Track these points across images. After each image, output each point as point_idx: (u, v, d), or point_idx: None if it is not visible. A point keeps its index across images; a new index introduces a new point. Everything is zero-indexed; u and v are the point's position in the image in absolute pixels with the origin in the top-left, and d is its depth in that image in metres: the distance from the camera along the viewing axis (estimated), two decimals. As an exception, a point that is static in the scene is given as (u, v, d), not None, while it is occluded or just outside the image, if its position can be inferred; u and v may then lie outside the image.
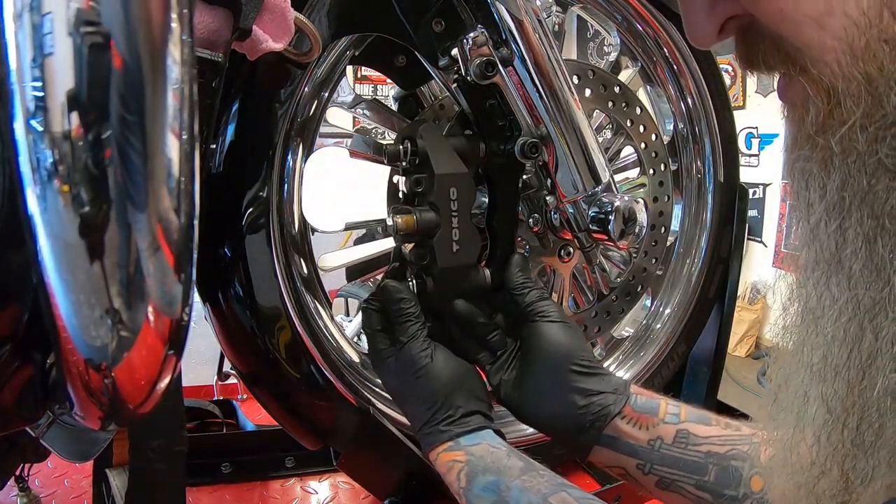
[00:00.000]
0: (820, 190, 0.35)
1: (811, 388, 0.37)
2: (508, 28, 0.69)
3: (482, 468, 0.60)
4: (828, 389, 0.36)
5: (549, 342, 0.67)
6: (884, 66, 0.30)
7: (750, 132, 4.71)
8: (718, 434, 0.62)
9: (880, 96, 0.31)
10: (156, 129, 0.34)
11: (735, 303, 1.10)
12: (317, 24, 0.64)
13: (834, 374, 0.35)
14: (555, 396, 0.66)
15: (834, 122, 0.33)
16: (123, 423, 0.62)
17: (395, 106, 0.94)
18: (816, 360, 0.37)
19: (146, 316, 0.36)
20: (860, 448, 0.34)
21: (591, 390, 0.64)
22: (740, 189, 1.06)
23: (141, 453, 0.66)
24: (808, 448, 0.38)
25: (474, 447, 0.62)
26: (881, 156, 0.31)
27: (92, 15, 0.32)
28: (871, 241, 0.32)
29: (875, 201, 0.32)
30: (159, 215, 0.35)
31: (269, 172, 0.68)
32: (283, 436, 0.81)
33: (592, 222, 0.83)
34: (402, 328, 0.67)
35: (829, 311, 0.35)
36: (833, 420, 0.36)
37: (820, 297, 0.36)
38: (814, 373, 0.37)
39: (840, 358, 0.35)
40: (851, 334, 0.34)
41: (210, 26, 0.53)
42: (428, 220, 0.67)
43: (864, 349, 0.34)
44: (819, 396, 0.36)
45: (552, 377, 0.66)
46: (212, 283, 0.69)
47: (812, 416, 0.37)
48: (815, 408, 0.37)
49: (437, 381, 0.65)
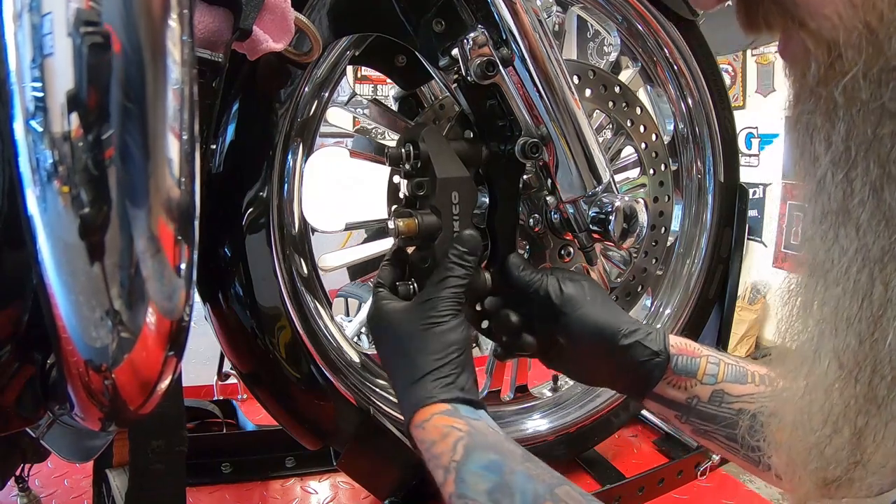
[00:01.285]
0: (825, 142, 0.35)
1: (822, 345, 0.37)
2: (508, 28, 0.69)
3: (483, 444, 0.54)
4: (839, 343, 0.35)
5: (588, 328, 0.67)
6: (883, 15, 0.31)
7: (750, 132, 4.71)
8: (751, 392, 0.65)
9: (881, 44, 0.31)
10: (156, 130, 0.34)
11: (735, 303, 1.10)
12: (317, 24, 0.64)
13: (845, 328, 0.35)
14: (602, 372, 0.71)
15: (836, 73, 0.33)
16: (124, 424, 0.62)
17: (395, 106, 0.94)
18: (826, 315, 0.37)
19: (146, 317, 0.36)
20: (873, 403, 0.34)
21: (635, 361, 0.66)
22: (740, 189, 1.06)
23: (141, 453, 0.66)
24: (819, 408, 0.37)
25: (475, 421, 0.56)
26: (884, 101, 0.31)
27: (92, 15, 0.32)
28: (878, 189, 0.32)
29: (881, 148, 0.32)
30: (159, 216, 0.35)
31: (269, 172, 0.68)
32: (283, 436, 0.81)
33: (593, 222, 0.83)
34: (450, 278, 0.62)
35: (838, 264, 0.35)
36: (845, 375, 0.35)
37: (828, 249, 0.36)
38: (824, 328, 0.37)
39: (850, 310, 0.35)
40: (861, 285, 0.34)
41: (210, 26, 0.53)
42: (429, 223, 0.67)
43: (874, 300, 0.33)
44: (830, 351, 0.36)
45: (598, 358, 0.68)
46: (212, 283, 0.69)
47: (824, 373, 0.37)
48: (826, 363, 0.37)
49: (456, 335, 0.60)
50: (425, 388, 0.58)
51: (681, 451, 1.08)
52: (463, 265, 0.64)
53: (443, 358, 0.59)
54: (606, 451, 1.10)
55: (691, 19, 0.94)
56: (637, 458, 1.10)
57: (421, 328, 0.60)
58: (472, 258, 0.65)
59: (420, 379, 0.58)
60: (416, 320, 0.61)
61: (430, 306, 0.61)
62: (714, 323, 1.09)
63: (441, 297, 0.61)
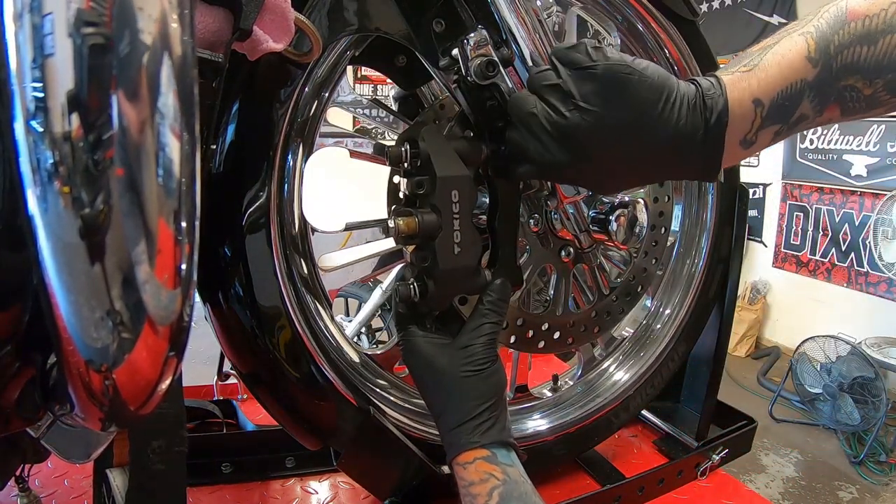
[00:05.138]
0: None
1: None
2: (508, 28, 0.69)
3: (517, 495, 0.61)
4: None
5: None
6: None
7: (750, 132, 4.70)
8: None
9: None
10: (157, 130, 0.34)
11: (735, 303, 1.11)
12: (317, 25, 0.64)
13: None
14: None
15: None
16: (124, 425, 0.62)
17: (395, 106, 0.94)
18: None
19: (147, 317, 0.36)
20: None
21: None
22: (740, 189, 1.06)
23: (141, 453, 0.66)
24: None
25: (510, 469, 0.64)
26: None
27: (93, 15, 0.32)
28: None
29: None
30: (160, 216, 0.35)
31: (269, 173, 0.68)
32: (283, 436, 0.81)
33: (593, 223, 0.84)
34: (486, 325, 0.68)
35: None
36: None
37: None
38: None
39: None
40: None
41: (210, 27, 0.52)
42: (429, 222, 0.67)
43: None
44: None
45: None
46: (212, 283, 0.69)
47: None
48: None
49: (495, 379, 0.67)
50: (468, 433, 0.65)
51: (681, 451, 1.08)
52: (497, 311, 0.70)
53: (483, 403, 0.65)
54: (606, 451, 1.10)
55: (691, 19, 0.94)
56: (637, 458, 1.11)
57: (462, 375, 0.66)
58: (505, 304, 0.71)
59: (464, 424, 0.65)
60: (457, 366, 0.67)
61: (470, 353, 0.67)
62: (714, 323, 1.09)
63: (478, 343, 0.67)
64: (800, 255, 4.67)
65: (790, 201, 4.70)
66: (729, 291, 1.08)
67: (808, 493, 3.03)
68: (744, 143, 0.60)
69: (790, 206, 4.70)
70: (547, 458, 0.98)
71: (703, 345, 1.10)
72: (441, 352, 0.68)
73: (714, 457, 1.06)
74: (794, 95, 0.59)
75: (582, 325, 0.91)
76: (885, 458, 3.22)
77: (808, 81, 0.58)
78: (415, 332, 0.70)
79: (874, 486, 3.09)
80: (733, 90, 0.59)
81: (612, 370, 1.06)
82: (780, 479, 3.13)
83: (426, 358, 0.68)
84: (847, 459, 3.30)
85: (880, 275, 4.00)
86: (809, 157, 4.47)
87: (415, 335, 0.70)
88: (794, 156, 4.57)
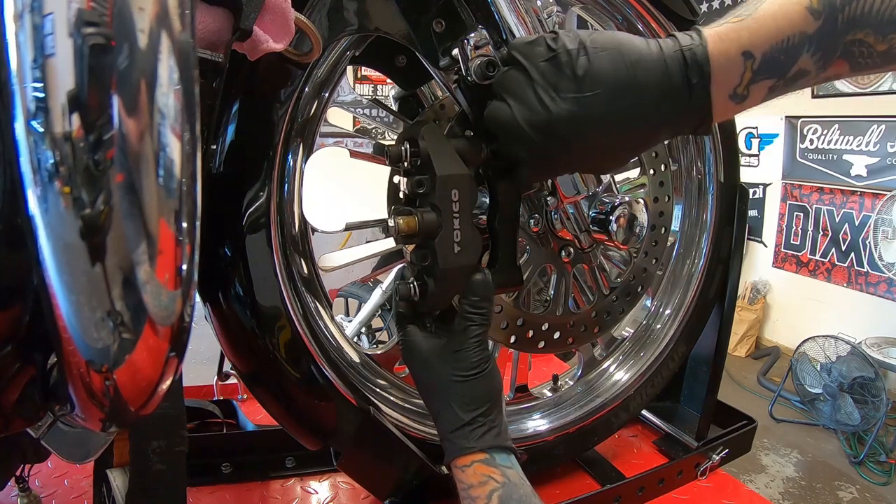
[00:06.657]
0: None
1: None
2: (508, 28, 0.69)
3: (516, 498, 0.62)
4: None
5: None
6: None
7: (750, 132, 4.71)
8: None
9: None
10: (157, 131, 0.34)
11: (735, 303, 1.11)
12: (317, 25, 0.64)
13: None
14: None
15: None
16: (125, 425, 0.62)
17: (395, 106, 0.94)
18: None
19: (148, 318, 0.36)
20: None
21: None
22: (740, 189, 1.06)
23: (141, 454, 0.66)
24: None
25: (509, 471, 0.64)
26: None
27: (93, 16, 0.32)
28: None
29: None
30: (160, 216, 0.35)
31: (269, 172, 0.68)
32: (283, 436, 0.81)
33: (593, 223, 0.84)
34: (471, 327, 0.67)
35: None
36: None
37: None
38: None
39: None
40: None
41: (211, 27, 0.52)
42: (430, 221, 0.67)
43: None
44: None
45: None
46: (212, 283, 0.69)
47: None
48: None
49: (489, 382, 0.66)
50: (466, 437, 0.65)
51: (681, 451, 1.08)
52: (480, 313, 0.68)
53: (476, 409, 0.65)
54: (606, 451, 1.10)
55: (691, 19, 0.94)
56: (637, 458, 1.11)
57: (452, 380, 0.66)
58: (488, 303, 0.68)
59: (461, 427, 0.65)
60: (450, 370, 0.66)
61: (462, 357, 0.66)
62: (714, 323, 1.09)
63: (468, 346, 0.66)
64: (800, 255, 4.67)
65: (790, 201, 4.70)
66: (729, 291, 1.08)
67: (808, 494, 3.02)
68: (734, 97, 0.58)
69: (790, 205, 4.70)
70: (547, 459, 0.98)
71: (703, 345, 1.10)
72: (437, 353, 0.68)
73: (714, 457, 1.06)
74: (790, 49, 0.55)
75: (582, 325, 0.91)
76: (885, 459, 3.22)
77: (809, 34, 0.55)
78: (414, 332, 0.70)
79: (874, 486, 3.09)
80: (719, 42, 0.56)
81: (612, 370, 1.06)
82: (780, 479, 3.13)
83: (424, 358, 0.68)
84: (847, 459, 3.30)
85: (880, 275, 4.00)
86: (809, 157, 4.46)
87: (414, 335, 0.70)
88: (794, 156, 4.57)
